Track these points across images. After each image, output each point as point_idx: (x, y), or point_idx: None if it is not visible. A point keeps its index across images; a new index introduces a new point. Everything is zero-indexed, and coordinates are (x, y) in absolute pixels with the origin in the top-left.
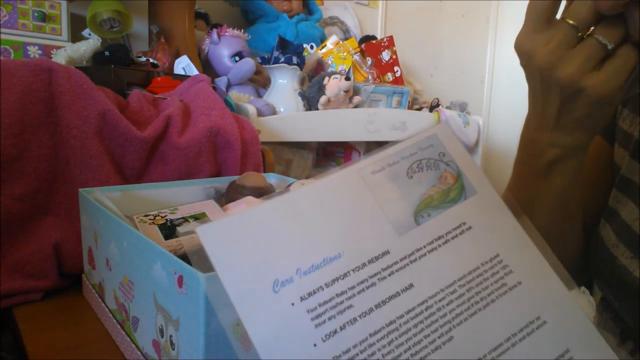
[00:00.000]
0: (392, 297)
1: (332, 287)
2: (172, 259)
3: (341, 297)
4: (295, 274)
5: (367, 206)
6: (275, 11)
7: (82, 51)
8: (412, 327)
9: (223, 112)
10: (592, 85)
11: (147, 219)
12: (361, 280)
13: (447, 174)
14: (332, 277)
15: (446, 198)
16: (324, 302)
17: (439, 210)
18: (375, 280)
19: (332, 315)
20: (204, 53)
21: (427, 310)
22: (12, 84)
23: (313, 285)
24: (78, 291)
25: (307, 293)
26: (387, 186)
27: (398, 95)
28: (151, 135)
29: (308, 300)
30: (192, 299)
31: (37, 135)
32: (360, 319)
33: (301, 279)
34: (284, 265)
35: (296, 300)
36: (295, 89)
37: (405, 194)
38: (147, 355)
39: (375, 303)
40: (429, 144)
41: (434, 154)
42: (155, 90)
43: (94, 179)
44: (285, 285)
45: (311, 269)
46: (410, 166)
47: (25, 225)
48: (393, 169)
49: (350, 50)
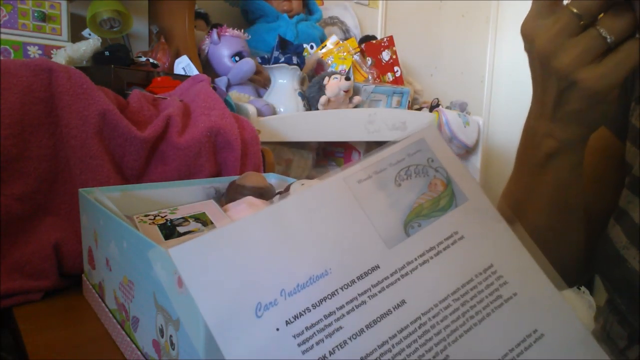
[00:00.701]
0: (384, 316)
1: (320, 307)
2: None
3: (329, 318)
4: (279, 295)
5: (355, 218)
6: (275, 11)
7: (82, 51)
8: (405, 348)
9: (223, 112)
10: (585, 79)
11: (147, 219)
12: (350, 299)
13: (436, 181)
14: (319, 297)
15: (436, 206)
16: (311, 325)
17: (429, 220)
18: (365, 298)
19: (320, 340)
20: (204, 53)
21: (420, 328)
22: (12, 84)
23: (299, 307)
24: (78, 291)
25: (292, 316)
26: (374, 195)
27: (398, 95)
28: (151, 135)
29: (294, 324)
30: (192, 299)
31: (37, 135)
32: (351, 342)
33: (286, 301)
34: (266, 286)
35: (281, 325)
36: (295, 89)
37: (394, 203)
38: (147, 355)
39: (366, 323)
40: (416, 149)
41: (422, 160)
42: (155, 90)
43: (94, 179)
44: (268, 308)
45: (297, 289)
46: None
47: (25, 225)
48: (380, 176)
49: (350, 50)
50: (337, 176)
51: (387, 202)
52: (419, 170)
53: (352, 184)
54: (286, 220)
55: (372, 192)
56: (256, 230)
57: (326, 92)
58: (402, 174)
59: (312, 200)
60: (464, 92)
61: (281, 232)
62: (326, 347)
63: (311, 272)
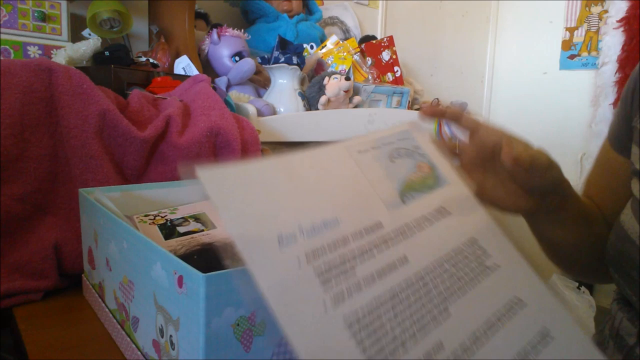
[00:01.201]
0: (391, 269)
1: (335, 251)
2: (172, 259)
3: (344, 260)
4: (298, 230)
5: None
6: (275, 11)
7: (82, 51)
8: (412, 299)
9: (223, 112)
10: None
11: (147, 219)
12: (360, 249)
13: (422, 164)
14: (333, 239)
15: (425, 184)
16: (329, 262)
17: (420, 194)
18: (374, 250)
19: (337, 276)
20: (204, 53)
21: (423, 284)
22: (12, 84)
23: (316, 245)
24: (78, 291)
25: (312, 251)
26: (373, 165)
27: (398, 95)
28: (151, 135)
29: (314, 259)
30: (192, 299)
31: (37, 135)
32: (365, 286)
33: (304, 238)
34: (286, 220)
35: (302, 259)
36: (295, 89)
37: (390, 175)
38: (147, 355)
39: (377, 272)
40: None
41: (409, 146)
42: (155, 90)
43: (94, 179)
44: (290, 243)
45: (312, 228)
46: (391, 152)
47: (25, 225)
48: (376, 152)
49: (350, 50)
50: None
51: (383, 173)
52: (408, 153)
53: (353, 153)
54: (299, 169)
55: (371, 163)
56: (273, 173)
57: (326, 92)
58: (394, 153)
59: (320, 158)
60: (464, 92)
61: (295, 178)
62: (343, 284)
63: (324, 217)
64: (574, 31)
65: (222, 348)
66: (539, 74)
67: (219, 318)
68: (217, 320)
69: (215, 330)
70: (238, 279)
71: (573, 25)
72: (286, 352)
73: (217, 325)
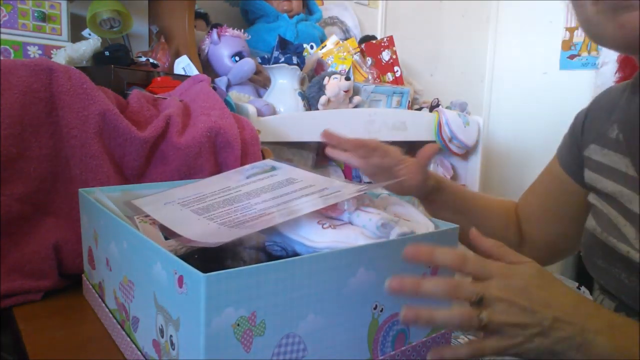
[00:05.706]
0: (226, 196)
1: (200, 201)
2: (172, 259)
3: (201, 201)
4: (176, 199)
5: (224, 181)
6: (275, 11)
7: (82, 51)
8: (232, 206)
9: (223, 112)
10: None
11: (147, 219)
12: (213, 196)
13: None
14: (197, 198)
15: (265, 172)
16: (192, 203)
17: (260, 176)
18: (221, 194)
19: (194, 204)
20: (204, 53)
21: (245, 196)
22: (12, 84)
23: (186, 201)
24: (78, 291)
25: (183, 203)
26: (236, 177)
27: (398, 95)
28: (151, 135)
29: (186, 205)
30: (192, 299)
31: (37, 135)
32: (208, 203)
33: (180, 201)
34: (173, 199)
35: (178, 206)
36: (295, 89)
37: (245, 177)
38: (147, 355)
39: (215, 199)
40: (267, 171)
41: (267, 173)
42: (155, 90)
43: (94, 179)
44: (172, 204)
45: (185, 197)
46: (250, 174)
47: (25, 225)
48: (240, 174)
49: (350, 50)
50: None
51: (243, 177)
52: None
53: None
54: (198, 184)
55: (235, 176)
56: (182, 189)
57: (326, 92)
58: (252, 174)
59: (213, 179)
60: (464, 92)
61: (189, 189)
62: (196, 206)
63: (194, 193)
64: (574, 31)
65: (222, 348)
66: (539, 74)
67: (219, 318)
68: (217, 320)
69: (215, 330)
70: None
71: (573, 25)
72: (286, 352)
73: (217, 325)
